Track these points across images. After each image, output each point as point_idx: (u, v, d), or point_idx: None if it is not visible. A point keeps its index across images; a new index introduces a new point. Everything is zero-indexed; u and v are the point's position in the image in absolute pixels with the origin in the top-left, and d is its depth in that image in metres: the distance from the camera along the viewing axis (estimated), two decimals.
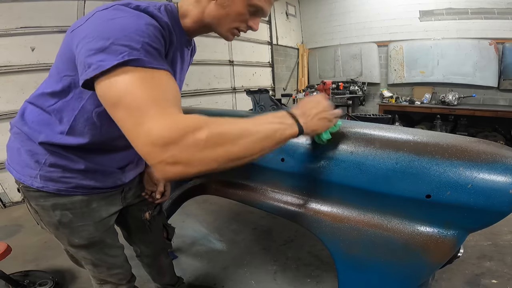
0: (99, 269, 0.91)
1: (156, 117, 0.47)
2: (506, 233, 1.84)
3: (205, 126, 0.48)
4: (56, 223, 0.78)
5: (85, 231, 0.81)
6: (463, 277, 1.46)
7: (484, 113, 3.73)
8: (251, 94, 1.86)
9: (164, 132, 0.46)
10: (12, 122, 0.77)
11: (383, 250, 0.81)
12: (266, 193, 1.04)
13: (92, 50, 0.50)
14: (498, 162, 0.68)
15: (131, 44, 0.50)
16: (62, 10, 2.61)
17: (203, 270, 1.59)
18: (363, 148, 0.80)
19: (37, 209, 0.77)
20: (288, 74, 5.75)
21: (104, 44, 0.49)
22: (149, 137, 0.46)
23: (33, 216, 0.82)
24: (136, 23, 0.53)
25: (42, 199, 0.75)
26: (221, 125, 0.51)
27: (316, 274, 1.54)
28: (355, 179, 0.80)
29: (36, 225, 0.86)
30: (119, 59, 0.48)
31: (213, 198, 2.40)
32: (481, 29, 4.01)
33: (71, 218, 0.78)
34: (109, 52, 0.49)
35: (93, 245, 0.85)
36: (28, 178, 0.73)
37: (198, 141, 0.47)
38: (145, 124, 0.46)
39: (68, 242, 0.83)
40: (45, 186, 0.73)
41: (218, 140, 0.49)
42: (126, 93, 0.48)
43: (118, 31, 0.51)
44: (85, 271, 1.58)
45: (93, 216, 0.82)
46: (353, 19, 5.17)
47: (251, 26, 0.71)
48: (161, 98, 0.49)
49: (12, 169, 0.77)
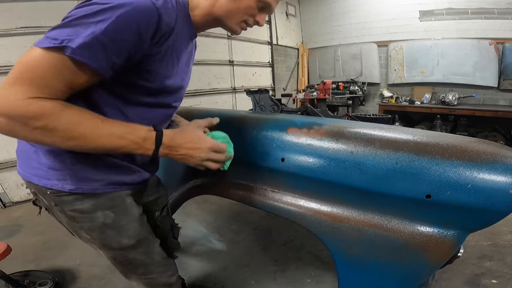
0: (151, 268, 0.86)
1: (13, 89, 0.51)
2: (506, 233, 1.84)
3: (45, 118, 0.52)
4: (101, 226, 0.73)
5: (131, 229, 0.78)
6: (463, 277, 1.46)
7: (484, 113, 3.73)
8: (251, 94, 1.86)
9: (4, 106, 0.50)
10: None
11: (383, 250, 0.81)
12: (266, 193, 1.04)
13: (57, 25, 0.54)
14: (498, 162, 0.68)
15: (80, 31, 0.52)
16: (62, 10, 2.61)
17: (203, 270, 1.59)
18: (363, 148, 0.80)
19: (74, 215, 0.71)
20: (288, 74, 5.75)
21: (66, 21, 0.54)
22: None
23: (68, 226, 0.75)
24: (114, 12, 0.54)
25: (79, 202, 0.69)
26: (64, 122, 0.54)
27: (316, 274, 1.54)
28: (355, 179, 0.80)
29: (36, 226, 0.84)
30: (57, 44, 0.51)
31: (213, 198, 2.40)
32: (481, 29, 4.01)
33: (113, 217, 0.74)
34: (59, 32, 0.53)
35: (141, 243, 0.82)
36: (57, 181, 0.66)
37: (28, 126, 0.52)
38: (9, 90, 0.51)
39: (118, 244, 0.77)
40: (79, 187, 0.67)
41: (48, 133, 0.53)
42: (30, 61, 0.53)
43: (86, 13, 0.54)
44: (85, 271, 1.59)
45: (132, 212, 0.79)
46: (353, 19, 5.17)
47: (258, 21, 0.73)
48: (33, 78, 0.52)
49: (32, 176, 0.68)
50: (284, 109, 2.03)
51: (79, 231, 0.74)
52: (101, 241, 0.76)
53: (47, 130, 0.53)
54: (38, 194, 0.71)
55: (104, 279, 1.52)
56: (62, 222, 0.75)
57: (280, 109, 2.00)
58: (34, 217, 0.75)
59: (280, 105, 2.02)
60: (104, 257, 0.81)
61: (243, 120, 1.08)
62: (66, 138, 0.55)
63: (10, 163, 2.48)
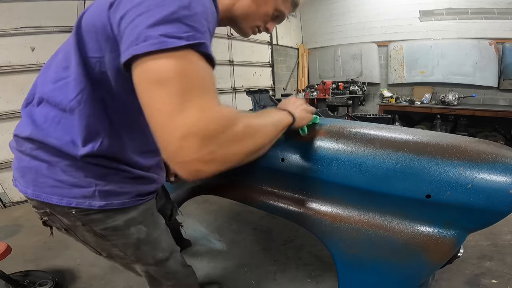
0: (179, 279, 0.85)
1: (199, 106, 0.41)
2: (506, 233, 1.84)
3: (239, 118, 0.46)
4: (135, 242, 0.69)
5: (163, 242, 0.76)
6: (463, 277, 1.46)
7: (484, 113, 3.73)
8: (251, 94, 1.86)
9: (207, 125, 0.40)
10: (23, 134, 0.59)
11: (383, 250, 0.81)
12: (266, 193, 1.04)
13: (152, 19, 0.41)
14: (498, 162, 0.68)
15: (196, 26, 0.43)
16: (62, 10, 2.61)
17: (203, 270, 1.58)
18: (363, 148, 0.80)
19: (107, 233, 0.65)
20: (288, 74, 5.75)
21: (168, 15, 0.41)
22: (189, 128, 0.39)
23: (96, 245, 0.69)
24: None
25: (110, 219, 0.64)
26: (246, 116, 0.50)
27: (316, 274, 1.53)
28: (355, 179, 0.80)
29: (36, 226, 0.81)
30: (188, 40, 0.41)
31: (213, 198, 2.40)
32: (481, 29, 4.01)
33: (146, 231, 0.70)
34: (174, 27, 0.41)
35: (172, 254, 0.81)
36: (83, 199, 0.59)
37: (236, 135, 0.45)
38: (186, 112, 0.39)
39: (153, 259, 0.74)
40: (109, 203, 0.61)
41: (250, 132, 0.49)
42: (176, 75, 0.40)
43: (181, 4, 0.43)
44: (85, 271, 1.59)
45: (160, 223, 0.77)
46: (353, 19, 5.17)
47: (268, 28, 0.75)
48: (207, 87, 0.44)
49: (49, 196, 0.59)
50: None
51: (111, 249, 0.70)
52: (136, 257, 0.73)
53: (249, 132, 0.49)
54: (57, 214, 0.63)
55: (104, 279, 1.52)
56: (86, 241, 0.69)
57: None
58: (34, 217, 0.73)
59: None
60: (104, 257, 0.81)
61: None
62: (264, 137, 0.54)
63: (10, 163, 2.46)
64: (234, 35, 4.38)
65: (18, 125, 0.62)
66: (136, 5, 0.43)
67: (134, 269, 0.81)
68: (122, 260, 0.75)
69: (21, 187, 0.63)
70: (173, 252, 0.82)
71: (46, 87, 0.58)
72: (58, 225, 0.67)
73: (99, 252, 0.72)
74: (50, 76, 0.58)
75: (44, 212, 0.64)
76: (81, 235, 0.67)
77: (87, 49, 0.52)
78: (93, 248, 0.72)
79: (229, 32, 4.32)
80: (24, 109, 0.63)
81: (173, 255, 0.82)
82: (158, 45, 0.39)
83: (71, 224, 0.64)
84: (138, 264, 0.76)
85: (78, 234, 0.67)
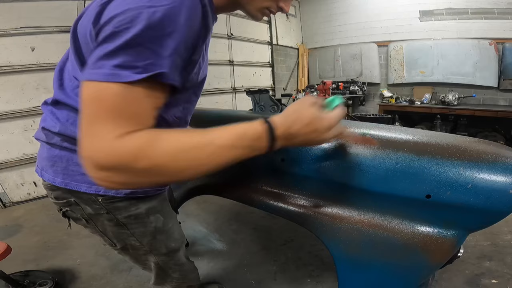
0: (184, 272, 0.86)
1: (101, 135, 0.42)
2: (506, 233, 1.84)
3: (145, 157, 0.43)
4: (153, 231, 0.70)
5: (175, 231, 0.78)
6: (463, 277, 1.46)
7: (484, 113, 3.73)
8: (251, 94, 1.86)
9: (100, 157, 0.42)
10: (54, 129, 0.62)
11: (383, 250, 0.81)
12: (266, 193, 1.03)
13: (112, 45, 0.42)
14: (498, 162, 0.68)
15: (159, 50, 0.43)
16: (62, 10, 2.61)
17: (203, 270, 1.58)
18: (363, 148, 0.80)
19: (128, 221, 0.67)
20: (288, 74, 5.75)
21: (130, 39, 0.41)
22: (83, 152, 0.43)
23: (114, 234, 0.70)
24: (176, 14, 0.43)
25: (134, 207, 0.66)
26: (167, 154, 0.45)
27: (316, 274, 1.54)
28: (355, 179, 0.80)
29: (36, 226, 0.82)
30: (143, 72, 0.42)
31: (213, 198, 2.40)
32: (481, 29, 4.01)
33: (163, 221, 0.72)
34: (132, 55, 0.42)
35: (182, 245, 0.82)
36: None
37: (135, 171, 0.44)
38: (86, 138, 0.42)
39: (166, 248, 0.76)
40: (134, 191, 0.64)
41: (155, 170, 0.45)
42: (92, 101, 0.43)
43: (149, 24, 0.42)
44: (85, 271, 1.59)
45: (173, 214, 0.79)
46: (353, 19, 5.17)
47: (282, 7, 0.64)
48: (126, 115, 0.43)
49: (78, 184, 0.62)
50: (284, 109, 2.02)
51: (128, 239, 0.71)
52: (151, 246, 0.74)
53: (154, 169, 0.45)
54: (81, 203, 0.65)
55: (104, 279, 1.52)
56: (105, 231, 0.70)
57: (280, 109, 2.00)
58: (34, 217, 0.74)
59: (280, 105, 2.02)
60: (104, 257, 0.81)
61: (243, 120, 1.07)
62: (178, 171, 0.47)
63: (10, 163, 2.48)
64: (234, 35, 4.38)
65: (45, 120, 0.65)
66: (108, 21, 0.43)
67: (144, 261, 0.81)
68: (136, 251, 0.75)
69: (48, 176, 0.65)
70: (183, 243, 0.84)
71: (60, 90, 0.62)
72: (79, 215, 0.68)
73: (114, 243, 0.73)
74: (63, 79, 0.62)
75: (66, 202, 0.66)
76: (101, 225, 0.68)
77: (85, 54, 0.55)
78: (109, 239, 0.72)
79: (229, 32, 4.32)
80: (46, 106, 0.65)
81: (182, 246, 0.84)
82: (109, 77, 0.41)
83: (94, 213, 0.66)
84: (151, 255, 0.77)
85: (98, 224, 0.69)
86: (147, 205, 0.68)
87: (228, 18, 4.28)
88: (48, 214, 2.26)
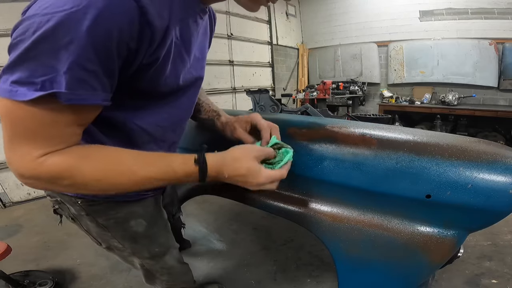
0: (174, 275, 0.85)
1: (20, 154, 0.42)
2: (506, 233, 1.84)
3: (68, 177, 0.44)
4: (133, 235, 0.70)
5: (161, 237, 0.77)
6: (463, 277, 1.46)
7: (484, 113, 3.73)
8: (251, 94, 1.86)
9: (23, 172, 0.43)
10: None
11: (383, 250, 0.81)
12: (266, 193, 1.03)
13: (11, 57, 0.38)
14: (498, 162, 0.68)
15: (57, 67, 0.38)
16: None
17: (203, 270, 1.59)
18: (363, 148, 0.80)
19: (108, 224, 0.67)
20: (288, 74, 5.75)
21: (25, 52, 0.37)
22: (10, 165, 0.44)
23: (97, 235, 0.71)
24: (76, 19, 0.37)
25: (113, 211, 0.65)
26: (91, 178, 0.46)
27: (316, 274, 1.54)
28: (355, 179, 0.80)
29: (36, 226, 0.83)
30: (40, 89, 0.38)
31: (213, 198, 2.40)
32: (481, 29, 4.01)
33: (145, 225, 0.71)
34: (28, 69, 0.38)
35: (169, 250, 0.81)
36: None
37: (58, 185, 0.46)
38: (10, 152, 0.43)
39: (149, 253, 0.75)
40: (113, 195, 0.62)
41: (80, 187, 0.47)
42: (7, 120, 0.41)
43: (41, 35, 0.36)
44: (85, 271, 1.59)
45: (161, 219, 0.77)
46: (353, 19, 5.17)
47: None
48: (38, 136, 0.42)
49: None
50: (284, 109, 2.03)
51: (110, 241, 0.71)
52: (133, 249, 0.74)
53: (77, 186, 0.46)
54: (66, 203, 0.66)
55: (104, 279, 1.52)
56: (89, 231, 0.71)
57: (280, 109, 2.00)
58: (34, 217, 0.75)
59: (280, 105, 2.02)
60: (104, 257, 0.81)
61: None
62: (101, 189, 0.48)
63: None
64: (234, 35, 4.39)
65: None
66: (13, 29, 0.40)
67: (132, 261, 0.81)
68: (120, 252, 0.76)
69: None
70: (171, 248, 0.82)
71: None
72: (67, 213, 0.70)
73: (99, 242, 0.74)
74: None
75: (55, 200, 0.67)
76: (85, 225, 0.69)
77: None
78: (94, 239, 0.73)
79: (229, 32, 4.33)
80: None
81: (170, 250, 0.82)
82: (8, 94, 0.39)
83: (77, 214, 0.67)
84: (135, 257, 0.77)
85: (82, 224, 0.70)
86: (127, 210, 0.67)
87: (228, 18, 4.28)
88: (48, 214, 2.26)
